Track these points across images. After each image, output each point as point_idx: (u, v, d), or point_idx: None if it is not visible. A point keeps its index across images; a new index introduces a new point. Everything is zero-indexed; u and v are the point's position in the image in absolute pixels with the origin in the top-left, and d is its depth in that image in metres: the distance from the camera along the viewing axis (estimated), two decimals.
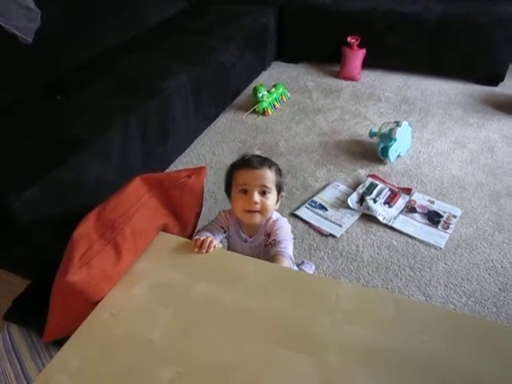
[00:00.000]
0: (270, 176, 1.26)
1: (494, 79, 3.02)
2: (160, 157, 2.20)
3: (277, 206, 1.33)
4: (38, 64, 2.05)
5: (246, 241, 1.33)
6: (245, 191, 1.25)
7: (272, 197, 1.26)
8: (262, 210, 1.25)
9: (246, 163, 1.28)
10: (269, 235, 1.30)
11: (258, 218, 1.26)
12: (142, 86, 2.06)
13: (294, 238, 1.29)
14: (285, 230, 1.28)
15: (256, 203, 1.23)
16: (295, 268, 1.24)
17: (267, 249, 1.28)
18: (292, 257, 1.24)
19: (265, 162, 1.29)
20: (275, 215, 1.33)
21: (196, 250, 1.15)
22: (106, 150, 1.78)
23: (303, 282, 1.09)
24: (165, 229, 1.23)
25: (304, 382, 0.87)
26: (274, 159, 1.34)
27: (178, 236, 1.23)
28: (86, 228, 1.03)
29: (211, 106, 2.60)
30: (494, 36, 2.85)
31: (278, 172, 1.32)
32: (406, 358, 0.90)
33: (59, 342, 1.04)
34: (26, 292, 1.43)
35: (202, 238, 1.17)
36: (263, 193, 1.25)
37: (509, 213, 2.00)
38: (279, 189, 1.31)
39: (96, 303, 1.03)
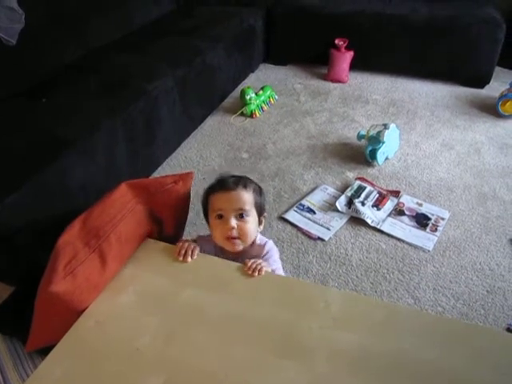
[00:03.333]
0: (246, 197, 1.17)
1: (481, 81, 3.05)
2: (147, 159, 2.18)
3: (260, 228, 1.24)
4: (22, 66, 2.01)
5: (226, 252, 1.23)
6: (221, 216, 1.16)
7: (251, 219, 1.17)
8: (242, 236, 1.16)
9: (218, 186, 1.20)
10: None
11: (239, 246, 1.17)
12: (128, 87, 2.04)
13: (282, 260, 1.22)
14: (273, 259, 1.20)
15: (233, 228, 1.14)
16: None
17: None
18: None
19: (240, 181, 1.19)
20: (260, 239, 1.25)
21: (180, 258, 1.13)
22: (92, 152, 1.75)
23: (291, 288, 1.07)
24: (151, 235, 1.21)
25: None
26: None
27: (164, 242, 1.21)
28: (71, 236, 1.01)
29: (198, 108, 2.58)
30: (480, 38, 2.87)
31: (258, 191, 1.23)
32: (395, 364, 0.89)
33: (43, 351, 1.02)
34: (10, 300, 1.40)
35: (185, 245, 1.15)
36: (240, 216, 1.15)
37: (495, 215, 2.02)
38: (260, 210, 1.22)
39: (81, 312, 1.01)
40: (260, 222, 1.23)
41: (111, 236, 1.05)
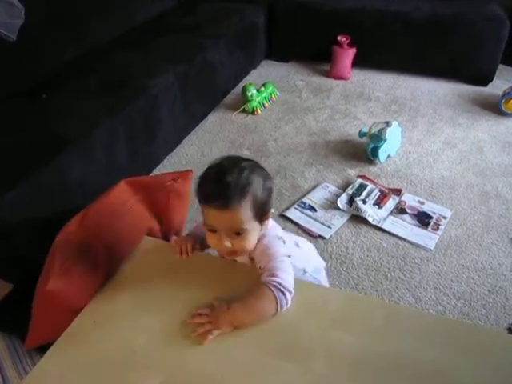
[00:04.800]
0: (242, 216, 0.94)
1: (484, 79, 3.02)
2: (148, 157, 2.17)
3: (263, 229, 1.04)
4: (22, 64, 2.00)
5: (223, 257, 1.10)
6: (214, 231, 0.99)
7: (250, 235, 0.99)
8: (238, 252, 1.02)
9: (207, 198, 0.95)
10: (253, 259, 1.06)
11: (236, 257, 1.06)
12: (128, 84, 2.03)
13: (289, 256, 1.02)
14: (271, 253, 1.00)
15: (227, 247, 0.99)
16: (284, 306, 0.96)
17: None
18: (287, 286, 0.95)
19: (235, 190, 0.92)
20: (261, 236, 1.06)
21: (177, 255, 1.10)
22: (92, 150, 1.74)
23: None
24: (150, 233, 1.20)
25: None
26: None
27: (163, 240, 1.20)
28: (68, 234, 1.00)
29: (199, 105, 2.56)
30: (483, 36, 2.85)
31: (260, 193, 0.97)
32: (395, 365, 0.88)
33: (42, 349, 1.02)
34: (8, 297, 1.41)
35: (179, 241, 1.12)
36: (236, 233, 0.97)
37: (498, 213, 2.00)
38: (263, 212, 1.00)
39: (78, 310, 1.01)
40: (263, 223, 1.03)
41: (109, 234, 1.05)
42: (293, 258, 1.03)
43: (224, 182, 0.93)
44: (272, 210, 1.05)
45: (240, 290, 0.99)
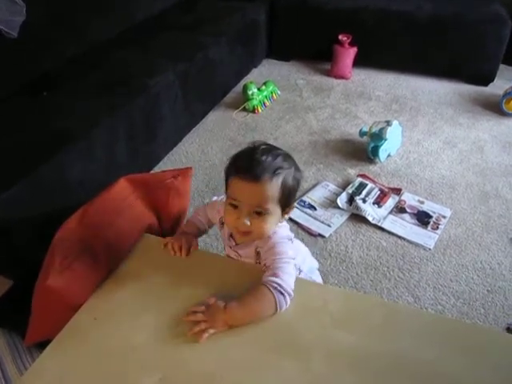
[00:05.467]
0: (270, 192, 0.94)
1: (484, 79, 3.02)
2: (148, 154, 2.17)
3: (282, 221, 1.05)
4: (23, 59, 2.00)
5: (231, 246, 1.13)
6: (235, 206, 0.98)
7: (270, 218, 0.97)
8: (255, 233, 1.00)
9: (239, 170, 0.96)
10: (259, 254, 1.05)
11: (249, 239, 1.04)
12: (129, 82, 2.03)
13: (293, 258, 1.01)
14: (278, 253, 0.99)
15: (245, 225, 0.97)
16: (283, 306, 0.95)
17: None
18: (287, 289, 0.94)
19: (268, 169, 0.94)
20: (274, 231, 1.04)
21: (172, 253, 1.10)
22: (92, 147, 1.74)
23: None
24: (150, 230, 1.20)
25: None
26: None
27: (163, 238, 1.20)
28: (68, 231, 1.00)
29: (200, 104, 2.56)
30: (484, 36, 2.85)
31: (291, 178, 0.98)
32: (394, 364, 0.89)
33: (41, 345, 1.02)
34: (9, 294, 1.41)
35: (175, 243, 1.11)
36: (258, 213, 0.96)
37: (497, 213, 2.00)
38: (287, 201, 1.00)
39: (78, 307, 1.01)
40: (284, 215, 1.02)
41: (109, 231, 1.05)
42: None
43: (259, 159, 0.95)
44: (295, 204, 1.03)
45: (240, 288, 0.99)
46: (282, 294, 0.93)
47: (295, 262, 1.02)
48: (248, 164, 0.95)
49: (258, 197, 0.95)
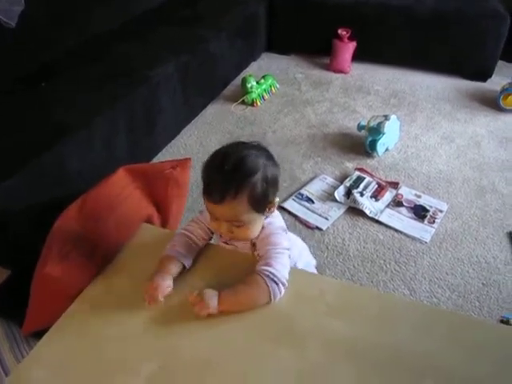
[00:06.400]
0: (237, 209, 0.93)
1: (483, 75, 3.02)
2: (147, 146, 2.18)
3: (268, 215, 1.04)
4: (21, 50, 1.99)
5: (227, 242, 1.12)
6: (216, 217, 0.98)
7: (251, 225, 0.99)
8: (241, 238, 1.02)
9: (204, 190, 0.95)
10: (255, 245, 1.05)
11: (238, 241, 1.07)
12: (129, 74, 2.03)
13: (287, 248, 1.02)
14: (272, 243, 1.00)
15: (229, 234, 1.00)
16: (277, 295, 0.96)
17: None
18: (281, 278, 0.95)
19: (230, 187, 0.91)
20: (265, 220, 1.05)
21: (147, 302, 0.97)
22: (91, 138, 1.75)
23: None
24: (148, 220, 1.21)
25: (286, 376, 0.87)
26: None
27: (161, 228, 1.21)
28: (67, 219, 1.01)
29: (199, 96, 2.56)
30: (484, 32, 2.85)
31: (259, 186, 0.94)
32: (390, 354, 0.90)
33: (39, 334, 1.02)
34: (6, 283, 1.41)
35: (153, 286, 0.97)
36: (237, 225, 0.97)
37: (494, 208, 2.02)
38: (262, 206, 0.98)
39: (76, 295, 1.02)
40: (268, 211, 1.02)
41: (108, 220, 1.05)
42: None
43: (221, 175, 0.91)
44: (277, 199, 1.02)
45: (236, 277, 0.99)
46: (275, 282, 0.94)
47: (291, 254, 1.02)
48: (211, 184, 0.93)
49: (228, 215, 0.95)
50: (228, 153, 0.95)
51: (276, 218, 1.06)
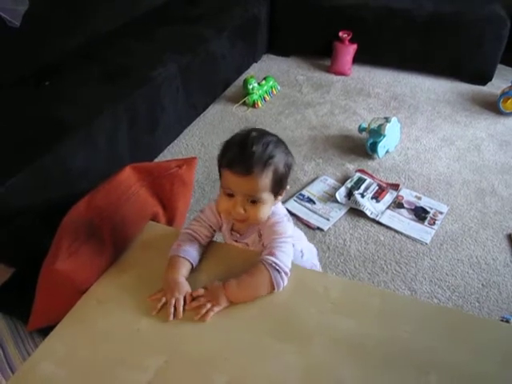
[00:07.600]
0: (261, 184, 0.96)
1: (483, 78, 3.05)
2: (148, 146, 2.19)
3: (277, 202, 1.07)
4: (25, 49, 2.00)
5: (236, 240, 1.15)
6: (230, 195, 1.00)
7: (265, 205, 1.00)
8: (250, 219, 1.02)
9: (229, 163, 0.97)
10: (261, 235, 1.08)
11: (247, 224, 1.07)
12: (131, 73, 2.04)
13: (291, 237, 1.04)
14: (276, 232, 1.02)
15: (240, 213, 0.99)
16: (280, 284, 0.98)
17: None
18: (283, 267, 0.97)
19: (259, 160, 0.94)
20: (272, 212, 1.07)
21: (171, 317, 0.96)
22: (94, 137, 1.76)
23: (291, 273, 1.08)
24: (154, 218, 1.22)
25: (290, 372, 0.88)
26: None
27: (167, 226, 1.22)
28: (76, 216, 1.01)
29: (201, 97, 2.58)
30: (483, 35, 2.87)
31: (282, 167, 0.99)
32: (394, 350, 0.91)
33: (44, 331, 1.03)
34: (11, 280, 1.42)
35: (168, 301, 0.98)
36: (252, 201, 0.99)
37: (493, 210, 2.04)
38: (280, 187, 1.02)
39: (83, 292, 1.02)
40: (278, 197, 1.05)
41: (115, 217, 1.06)
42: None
43: (249, 150, 0.95)
44: (288, 187, 1.07)
45: (241, 272, 1.01)
46: (277, 271, 0.96)
47: (298, 245, 1.06)
48: (238, 157, 0.96)
49: (250, 188, 0.97)
50: (252, 135, 0.99)
51: (280, 207, 1.10)
